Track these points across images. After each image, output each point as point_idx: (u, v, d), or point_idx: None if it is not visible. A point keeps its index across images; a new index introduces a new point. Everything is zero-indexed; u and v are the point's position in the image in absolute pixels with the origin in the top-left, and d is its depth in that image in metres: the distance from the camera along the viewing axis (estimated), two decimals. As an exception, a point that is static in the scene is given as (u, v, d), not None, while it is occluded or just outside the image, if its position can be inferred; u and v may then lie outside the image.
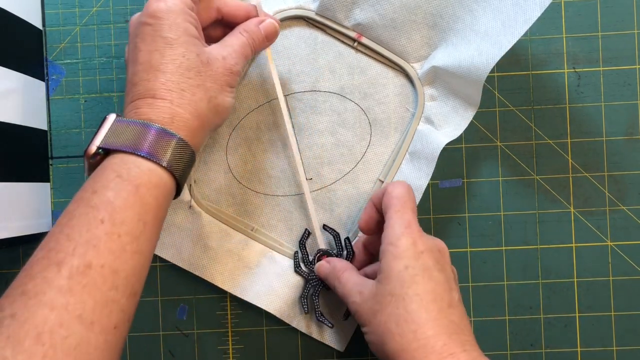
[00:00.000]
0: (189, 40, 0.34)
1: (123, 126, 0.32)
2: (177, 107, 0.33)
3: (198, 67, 0.34)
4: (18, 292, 0.27)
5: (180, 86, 0.33)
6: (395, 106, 0.45)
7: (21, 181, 0.42)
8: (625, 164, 0.45)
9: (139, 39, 0.34)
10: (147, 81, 0.33)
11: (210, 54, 0.35)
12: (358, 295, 0.36)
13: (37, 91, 0.45)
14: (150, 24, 0.34)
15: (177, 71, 0.33)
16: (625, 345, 0.45)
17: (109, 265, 0.29)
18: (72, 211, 0.30)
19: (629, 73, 0.45)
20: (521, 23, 0.38)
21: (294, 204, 0.45)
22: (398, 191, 0.37)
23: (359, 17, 0.43)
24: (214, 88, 0.35)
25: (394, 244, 0.35)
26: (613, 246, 0.45)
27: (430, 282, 0.34)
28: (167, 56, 0.33)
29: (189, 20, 0.35)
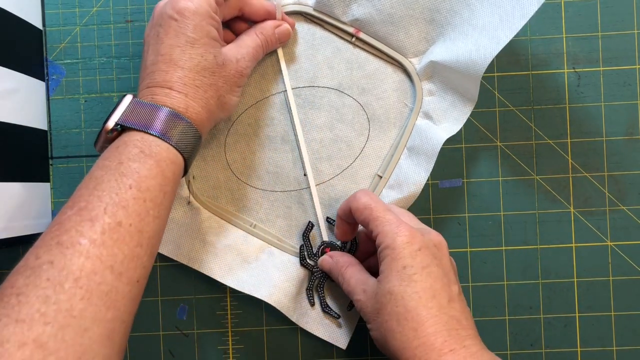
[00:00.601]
0: (209, 42, 0.37)
1: (142, 108, 0.35)
2: (191, 100, 0.37)
3: (213, 68, 0.37)
4: (53, 243, 0.30)
5: (196, 83, 0.37)
6: (393, 101, 0.45)
7: (21, 181, 0.42)
8: (625, 164, 0.45)
9: (162, 30, 0.37)
10: (166, 73, 0.36)
11: (226, 56, 0.39)
12: (362, 293, 0.37)
13: (37, 91, 0.45)
14: (176, 19, 0.36)
15: (194, 69, 0.37)
16: (625, 345, 0.45)
17: (136, 225, 0.32)
18: (99, 177, 0.33)
19: (629, 73, 0.45)
20: (518, 18, 0.39)
21: (293, 199, 0.45)
22: (365, 200, 0.39)
23: (357, 13, 0.43)
24: (225, 87, 0.39)
25: (390, 247, 0.36)
26: (613, 246, 0.45)
27: (429, 278, 0.35)
28: (187, 54, 0.36)
29: (211, 23, 0.37)
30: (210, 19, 0.37)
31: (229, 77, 0.39)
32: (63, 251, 0.29)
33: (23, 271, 0.29)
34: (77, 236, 0.30)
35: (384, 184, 0.44)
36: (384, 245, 0.36)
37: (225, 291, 0.45)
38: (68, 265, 0.29)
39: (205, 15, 0.37)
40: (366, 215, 0.38)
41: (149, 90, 0.37)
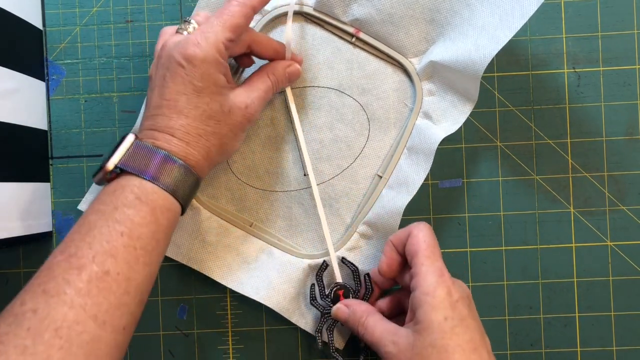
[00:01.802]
0: (216, 90, 0.37)
1: (142, 152, 0.35)
2: (192, 148, 0.37)
3: (218, 116, 0.37)
4: (40, 290, 0.30)
5: (198, 131, 0.37)
6: (393, 101, 0.45)
7: (21, 181, 0.42)
8: (625, 164, 0.45)
9: (169, 74, 0.36)
10: (169, 119, 0.36)
11: (234, 103, 0.38)
12: (392, 345, 0.36)
13: (37, 91, 0.45)
14: (184, 66, 0.36)
15: (199, 118, 0.36)
16: (625, 345, 0.45)
17: (124, 274, 0.32)
18: (92, 222, 0.33)
19: (629, 73, 0.45)
20: (518, 17, 0.39)
21: (293, 199, 0.45)
22: (424, 234, 0.38)
23: (357, 13, 0.43)
24: (229, 135, 0.38)
25: (430, 295, 0.35)
26: (613, 246, 0.45)
27: (468, 331, 0.35)
28: (193, 103, 0.36)
29: (220, 70, 0.37)
30: (218, 65, 0.36)
31: (234, 124, 0.38)
32: (48, 300, 0.30)
33: (7, 317, 0.30)
34: (63, 284, 0.30)
35: (384, 184, 0.44)
36: (422, 289, 0.36)
37: (225, 291, 0.45)
38: (51, 314, 0.29)
39: (213, 63, 0.36)
40: (420, 248, 0.37)
41: (151, 133, 0.36)
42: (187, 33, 0.38)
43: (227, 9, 0.37)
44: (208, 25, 0.37)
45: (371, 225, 0.44)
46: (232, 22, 0.37)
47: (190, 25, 0.38)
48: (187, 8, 0.46)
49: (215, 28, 0.36)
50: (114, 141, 0.46)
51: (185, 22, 0.39)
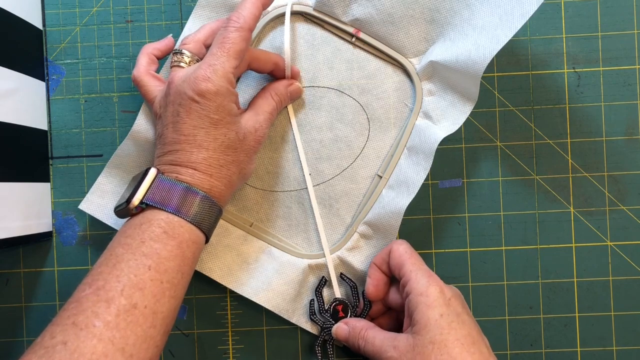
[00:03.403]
0: (231, 120, 0.37)
1: (166, 186, 0.36)
2: (216, 180, 0.37)
3: (235, 145, 0.38)
4: (69, 322, 0.31)
5: (220, 162, 0.37)
6: (393, 101, 0.45)
7: (21, 181, 0.42)
8: (625, 164, 0.45)
9: (183, 110, 0.37)
10: (190, 153, 0.37)
11: (246, 129, 0.39)
12: (393, 349, 0.37)
13: (37, 91, 0.45)
14: (198, 102, 0.36)
15: (218, 149, 0.37)
16: (625, 345, 0.45)
17: (151, 307, 0.33)
18: (120, 255, 0.34)
19: (629, 73, 0.45)
20: (518, 17, 0.39)
21: (293, 199, 0.45)
22: (405, 247, 0.40)
23: (357, 13, 0.43)
24: (245, 160, 0.39)
25: (424, 294, 0.37)
26: (613, 246, 0.45)
27: (465, 326, 0.36)
28: (211, 135, 0.37)
29: (232, 99, 0.38)
30: (230, 95, 0.37)
31: (248, 149, 0.39)
32: (77, 332, 0.30)
33: (37, 350, 0.30)
34: (93, 317, 0.31)
35: (384, 184, 0.44)
36: (416, 291, 0.37)
37: (225, 291, 0.45)
38: (80, 347, 0.30)
39: (226, 95, 0.37)
40: (404, 259, 0.39)
41: (173, 168, 0.37)
42: (185, 65, 0.39)
43: (226, 36, 0.37)
44: (213, 57, 0.37)
45: (371, 225, 0.44)
46: (234, 50, 0.37)
47: (185, 56, 0.39)
48: (187, 8, 0.46)
49: (220, 59, 0.37)
50: (114, 141, 0.46)
51: (177, 53, 0.39)
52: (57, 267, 0.46)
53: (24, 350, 0.45)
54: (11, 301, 0.46)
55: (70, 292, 0.46)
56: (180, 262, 0.35)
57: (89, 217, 0.45)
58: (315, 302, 0.44)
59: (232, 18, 0.38)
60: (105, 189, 0.43)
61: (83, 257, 0.46)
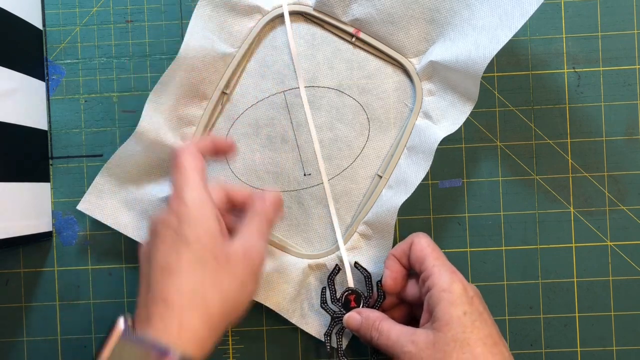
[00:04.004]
0: (208, 239, 0.33)
1: (128, 346, 0.31)
2: (187, 313, 0.31)
3: (214, 266, 0.33)
4: None
5: (192, 286, 0.32)
6: (393, 101, 0.45)
7: (21, 181, 0.42)
8: (625, 164, 0.45)
9: (159, 239, 0.33)
10: (161, 284, 0.32)
11: (230, 249, 0.34)
12: (411, 344, 0.35)
13: (37, 91, 0.45)
14: (170, 225, 0.33)
15: (190, 273, 0.32)
16: (625, 345, 0.45)
17: None
18: None
19: (629, 73, 0.45)
20: (518, 17, 0.39)
21: (293, 199, 0.45)
22: (427, 240, 0.39)
23: (357, 12, 0.43)
24: (233, 284, 0.33)
25: (447, 291, 0.36)
26: (613, 246, 0.45)
27: (487, 326, 0.35)
28: (183, 257, 0.32)
29: (209, 215, 0.34)
30: (207, 209, 0.34)
31: (236, 273, 0.33)
32: None
33: None
34: None
35: (384, 184, 0.44)
36: (438, 287, 0.36)
37: (225, 291, 0.45)
38: None
39: (199, 208, 0.33)
40: (426, 253, 0.38)
41: (145, 312, 0.32)
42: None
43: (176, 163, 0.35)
44: (177, 184, 0.34)
45: (371, 225, 0.44)
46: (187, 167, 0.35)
47: None
48: (187, 8, 0.46)
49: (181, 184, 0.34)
50: (114, 141, 0.46)
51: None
52: (57, 267, 0.46)
53: (24, 350, 0.45)
54: (11, 301, 0.46)
55: (70, 292, 0.46)
56: None
57: (89, 217, 0.45)
58: (327, 291, 0.43)
59: (177, 147, 0.38)
60: (103, 189, 0.43)
61: (83, 257, 0.46)
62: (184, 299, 0.31)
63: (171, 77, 0.42)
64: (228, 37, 0.44)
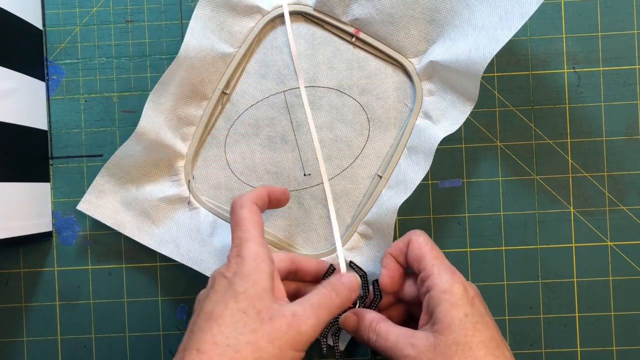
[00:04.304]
0: (257, 293, 0.33)
1: None
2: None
3: (254, 324, 0.32)
4: None
5: (229, 341, 0.31)
6: (393, 101, 0.45)
7: (21, 181, 0.42)
8: (625, 164, 0.45)
9: (213, 290, 0.34)
10: (201, 331, 0.32)
11: (277, 311, 0.33)
12: (410, 347, 0.35)
13: (37, 91, 0.45)
14: (227, 276, 0.34)
15: (231, 325, 0.32)
16: (625, 345, 0.45)
17: None
18: None
19: (629, 73, 0.45)
20: (518, 17, 0.39)
21: (293, 199, 0.45)
22: (424, 238, 0.38)
23: (357, 13, 0.43)
24: (268, 349, 0.31)
25: (448, 292, 0.35)
26: (613, 246, 0.45)
27: (489, 328, 0.34)
28: (229, 308, 0.32)
29: (263, 269, 0.34)
30: (262, 263, 0.34)
31: (276, 334, 0.32)
32: None
33: None
34: None
35: (384, 184, 0.44)
36: (439, 288, 0.35)
37: (225, 291, 0.45)
38: None
39: (256, 263, 0.34)
40: (424, 251, 0.37)
41: (180, 355, 0.32)
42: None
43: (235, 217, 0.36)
44: (234, 242, 0.35)
45: (371, 225, 0.44)
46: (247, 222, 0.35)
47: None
48: (187, 8, 0.46)
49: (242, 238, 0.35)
50: (114, 141, 0.46)
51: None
52: (57, 267, 0.46)
53: (24, 350, 0.45)
54: (11, 301, 0.46)
55: (70, 292, 0.46)
56: None
57: (89, 217, 0.45)
58: None
59: (235, 199, 0.37)
60: (103, 189, 0.43)
61: (83, 257, 0.46)
62: (215, 351, 0.31)
63: (171, 77, 0.42)
64: (228, 37, 0.44)
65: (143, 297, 0.46)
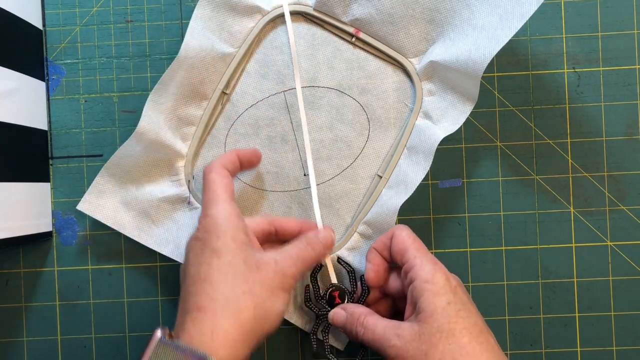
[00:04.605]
0: (236, 246, 0.35)
1: (165, 353, 0.32)
2: (220, 318, 0.33)
3: (245, 273, 0.34)
4: None
5: (225, 294, 0.33)
6: (393, 101, 0.45)
7: (21, 181, 0.42)
8: (625, 164, 0.45)
9: (191, 253, 0.36)
10: (195, 294, 0.34)
11: (261, 259, 0.35)
12: (396, 338, 0.35)
13: (37, 91, 0.45)
14: (200, 238, 0.35)
15: (223, 280, 0.34)
16: (625, 345, 0.45)
17: None
18: None
19: (629, 73, 0.45)
20: (518, 17, 0.39)
21: (293, 199, 0.45)
22: (407, 232, 0.39)
23: (357, 12, 0.43)
24: (262, 295, 0.34)
25: (430, 282, 0.35)
26: (613, 246, 0.45)
27: (472, 316, 0.35)
28: (214, 266, 0.34)
29: (237, 226, 0.36)
30: (233, 220, 0.36)
31: (266, 280, 0.35)
32: None
33: None
34: None
35: (384, 184, 0.44)
36: (421, 278, 0.36)
37: (225, 291, 0.45)
38: None
39: (226, 220, 0.35)
40: (407, 244, 0.38)
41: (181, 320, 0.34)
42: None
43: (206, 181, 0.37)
44: (204, 204, 0.37)
45: (371, 225, 0.44)
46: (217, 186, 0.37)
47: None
48: (187, 8, 0.46)
49: (211, 201, 0.36)
50: (114, 141, 0.46)
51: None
52: (57, 267, 0.46)
53: (24, 350, 0.45)
54: (11, 301, 0.46)
55: (70, 292, 0.46)
56: None
57: (89, 217, 0.45)
58: (310, 288, 0.42)
59: (206, 166, 0.38)
60: (103, 189, 0.43)
61: (83, 257, 0.46)
62: (217, 305, 0.33)
63: (171, 77, 0.42)
64: (228, 37, 0.44)
65: (143, 297, 0.46)
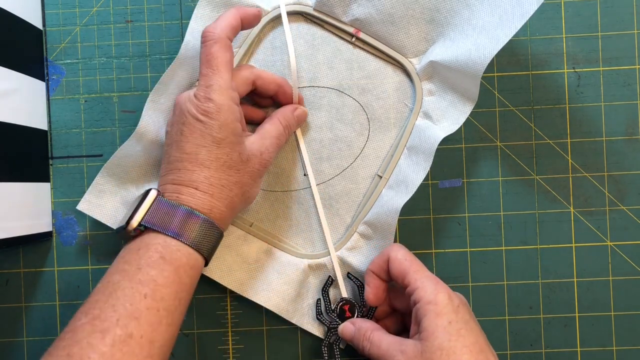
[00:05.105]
0: (235, 139, 0.37)
1: (166, 208, 0.36)
2: (217, 200, 0.37)
3: (238, 166, 0.38)
4: (64, 354, 0.31)
5: (221, 182, 0.37)
6: (393, 101, 0.45)
7: (21, 181, 0.42)
8: (625, 164, 0.45)
9: (187, 129, 0.37)
10: (192, 172, 0.37)
11: (250, 151, 0.39)
12: (400, 354, 0.36)
13: (37, 91, 0.45)
14: (201, 121, 0.36)
15: (220, 169, 0.37)
16: (625, 345, 0.45)
17: (147, 336, 0.32)
18: (116, 282, 0.34)
19: (629, 73, 0.45)
20: (518, 17, 0.39)
21: (293, 199, 0.45)
22: (403, 253, 0.40)
23: (357, 13, 0.43)
24: (249, 183, 0.39)
25: (433, 302, 0.36)
26: (613, 246, 0.45)
27: (473, 334, 0.36)
28: (214, 154, 0.37)
29: (235, 117, 0.37)
30: (234, 112, 0.37)
31: (253, 171, 0.39)
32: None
33: None
34: (87, 349, 0.31)
35: (384, 184, 0.44)
36: (424, 300, 0.37)
37: (226, 291, 0.45)
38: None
39: (229, 112, 0.37)
40: (405, 267, 0.39)
41: (174, 187, 0.37)
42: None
43: (207, 53, 0.37)
44: (205, 78, 0.37)
45: (371, 225, 0.44)
46: (220, 62, 0.37)
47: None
48: (187, 8, 0.46)
49: (213, 78, 0.37)
50: (114, 141, 0.46)
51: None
52: (57, 267, 0.46)
53: (24, 350, 0.45)
54: (11, 301, 0.46)
55: (70, 292, 0.46)
56: (177, 288, 0.35)
57: (89, 217, 0.45)
58: (322, 302, 0.44)
59: (208, 30, 0.37)
60: (103, 189, 0.43)
61: (83, 257, 0.46)
62: (214, 189, 0.37)
63: (171, 77, 0.42)
64: (228, 37, 0.44)
65: (143, 297, 0.46)
